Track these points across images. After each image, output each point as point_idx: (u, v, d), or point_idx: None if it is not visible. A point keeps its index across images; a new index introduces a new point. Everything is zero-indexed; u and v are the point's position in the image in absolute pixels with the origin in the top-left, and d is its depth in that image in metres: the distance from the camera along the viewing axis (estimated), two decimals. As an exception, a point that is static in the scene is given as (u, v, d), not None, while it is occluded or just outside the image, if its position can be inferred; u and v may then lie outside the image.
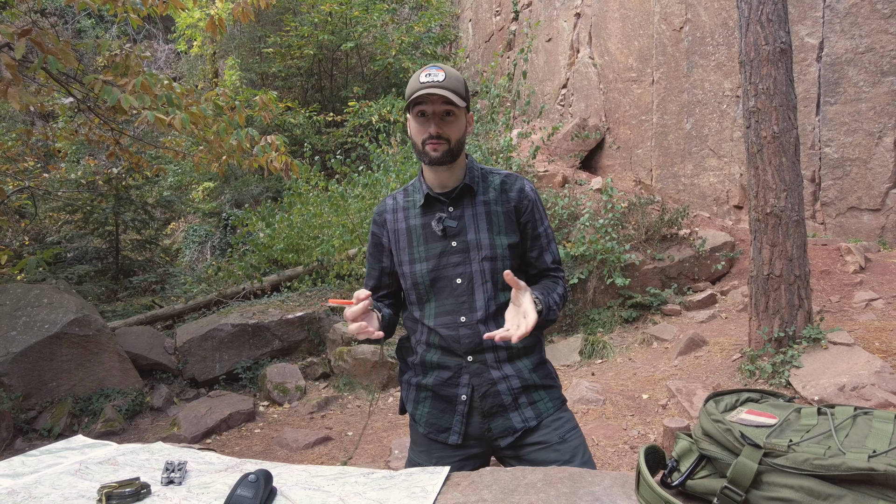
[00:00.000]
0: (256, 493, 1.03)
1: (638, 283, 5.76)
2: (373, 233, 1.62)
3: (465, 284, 1.50)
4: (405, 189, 1.63)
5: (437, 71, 1.44)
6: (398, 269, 1.56)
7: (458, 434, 1.50)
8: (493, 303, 1.49)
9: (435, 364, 1.52)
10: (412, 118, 1.48)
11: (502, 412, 1.49)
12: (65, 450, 1.41)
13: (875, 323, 4.24)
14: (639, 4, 7.54)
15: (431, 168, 1.51)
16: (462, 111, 1.47)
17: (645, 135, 7.60)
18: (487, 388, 1.49)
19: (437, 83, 1.41)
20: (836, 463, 0.78)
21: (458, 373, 1.50)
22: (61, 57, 3.56)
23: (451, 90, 1.42)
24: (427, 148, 1.45)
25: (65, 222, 8.25)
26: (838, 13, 5.51)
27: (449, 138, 1.45)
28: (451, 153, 1.47)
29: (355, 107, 9.24)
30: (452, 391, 1.51)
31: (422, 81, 1.42)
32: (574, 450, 1.46)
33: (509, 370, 1.50)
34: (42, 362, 4.69)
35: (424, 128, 1.45)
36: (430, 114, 1.44)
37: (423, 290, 1.52)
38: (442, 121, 1.45)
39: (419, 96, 1.41)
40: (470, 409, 1.50)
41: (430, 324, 1.51)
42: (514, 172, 1.64)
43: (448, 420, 1.52)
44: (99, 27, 12.00)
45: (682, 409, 3.73)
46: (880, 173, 5.41)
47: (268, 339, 5.70)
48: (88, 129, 5.29)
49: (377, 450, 3.94)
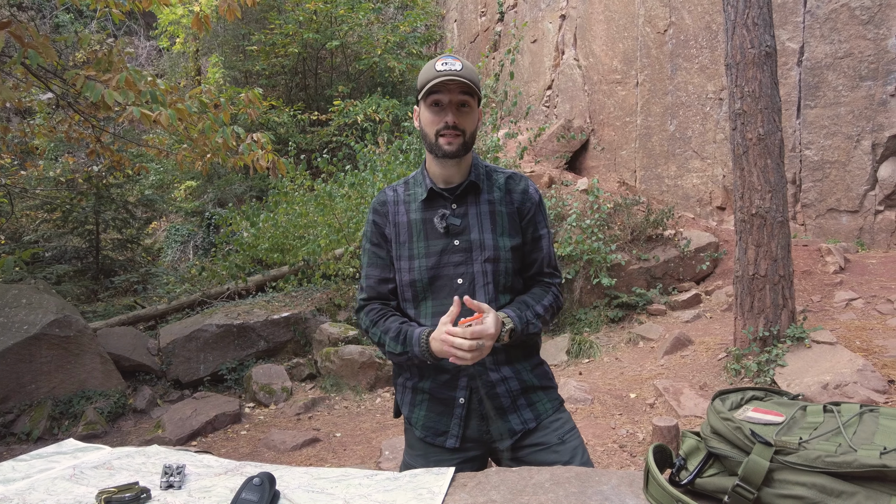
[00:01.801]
0: (262, 497, 1.01)
1: (624, 283, 5.82)
2: (375, 223, 1.54)
3: (466, 285, 1.46)
4: (406, 181, 1.58)
5: (453, 60, 1.40)
6: (395, 263, 1.51)
7: (456, 437, 1.47)
8: (493, 305, 1.46)
9: (432, 367, 1.47)
10: (425, 108, 1.43)
11: (501, 415, 1.46)
12: (56, 454, 1.37)
13: (855, 322, 4.33)
14: (623, 7, 7.61)
15: (440, 161, 1.46)
16: (476, 103, 1.44)
17: (629, 136, 7.67)
18: (486, 391, 1.46)
19: (454, 71, 1.38)
20: (848, 460, 0.79)
21: (456, 375, 1.46)
22: (41, 51, 3.47)
23: (468, 79, 1.39)
24: (441, 141, 1.41)
25: (43, 221, 8.07)
26: (818, 18, 5.62)
27: (465, 130, 1.42)
28: (466, 146, 1.43)
29: (340, 106, 9.19)
30: (450, 394, 1.47)
31: (438, 69, 1.39)
32: (573, 451, 1.45)
33: (508, 372, 1.47)
34: (20, 364, 4.58)
35: (440, 118, 1.41)
36: (447, 103, 1.40)
37: (421, 287, 1.47)
38: (458, 111, 1.41)
39: (436, 84, 1.37)
40: (468, 411, 1.47)
41: (427, 323, 1.46)
42: (518, 172, 1.61)
43: (446, 423, 1.48)
44: (77, 22, 11.76)
45: (669, 408, 3.77)
46: (858, 176, 5.53)
47: (253, 340, 5.64)
48: (68, 125, 5.18)
49: (367, 451, 3.91)
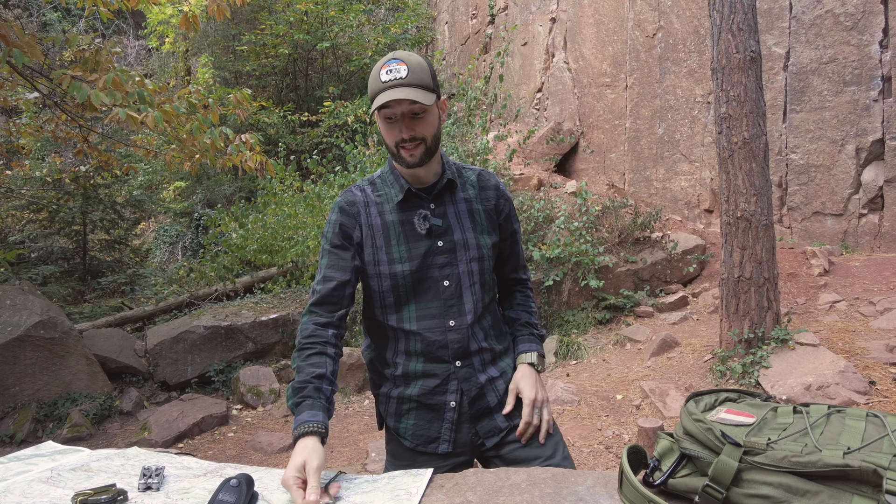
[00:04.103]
0: (238, 498, 1.02)
1: (611, 285, 5.85)
2: (341, 223, 1.42)
3: (452, 287, 1.43)
4: (371, 181, 1.49)
5: (398, 65, 1.29)
6: (371, 268, 1.42)
7: (448, 442, 1.44)
8: (480, 305, 1.46)
9: (420, 373, 1.44)
10: (380, 120, 1.36)
11: (487, 414, 1.46)
12: (34, 456, 1.37)
13: (839, 324, 4.38)
14: (613, 11, 7.66)
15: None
16: (433, 105, 1.34)
17: (618, 139, 7.72)
18: (476, 392, 1.45)
19: (400, 81, 1.28)
20: (812, 460, 0.80)
21: (446, 380, 1.43)
22: (27, 50, 3.45)
23: (416, 86, 1.29)
24: (402, 153, 1.35)
25: (29, 221, 8.00)
26: (804, 24, 5.69)
27: (424, 137, 1.35)
28: (429, 152, 1.37)
29: (331, 107, 9.18)
30: (440, 399, 1.44)
31: (383, 81, 1.29)
32: (555, 445, 1.46)
33: (494, 371, 1.48)
34: (4, 366, 4.54)
35: (395, 131, 1.34)
36: (399, 116, 1.32)
37: (404, 292, 1.41)
38: (412, 121, 1.33)
39: (382, 102, 1.28)
40: (459, 415, 1.45)
41: (411, 328, 1.41)
42: (484, 169, 1.58)
43: (436, 429, 1.45)
44: (65, 21, 11.67)
45: (655, 410, 3.79)
46: (843, 179, 5.59)
47: (241, 342, 5.61)
48: (55, 125, 5.14)
49: (353, 453, 3.91)
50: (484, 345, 1.46)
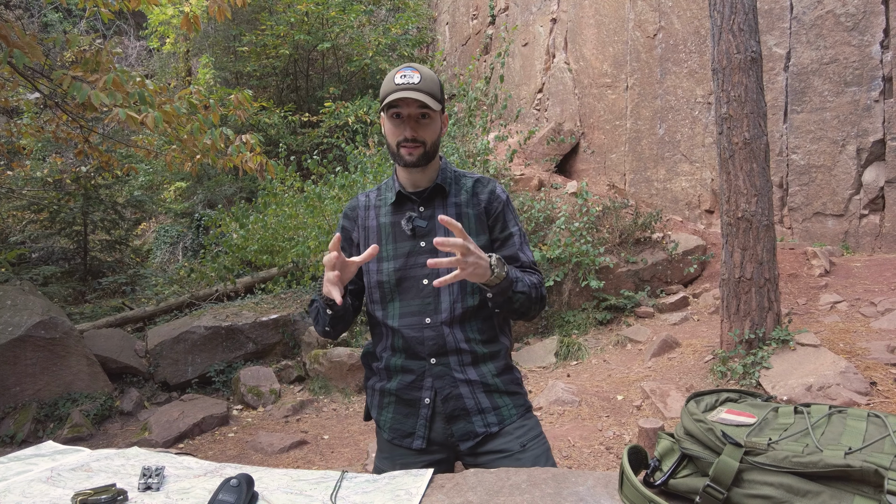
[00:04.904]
0: (238, 498, 1.01)
1: (612, 286, 5.85)
2: (343, 227, 1.59)
3: (431, 285, 1.47)
4: (378, 187, 1.62)
5: (412, 72, 1.41)
6: (364, 266, 1.52)
7: (422, 438, 1.48)
8: (458, 305, 1.46)
9: (399, 368, 1.50)
10: (386, 119, 1.46)
11: (464, 416, 1.46)
12: (34, 456, 1.36)
13: (839, 325, 4.38)
14: (613, 11, 7.66)
15: (405, 169, 1.50)
16: (437, 113, 1.45)
17: (619, 140, 7.71)
18: (450, 391, 1.46)
19: (412, 85, 1.39)
20: (814, 460, 0.80)
21: (421, 376, 1.47)
22: (28, 51, 3.45)
23: (426, 92, 1.40)
24: (402, 151, 1.44)
25: (30, 221, 8.00)
26: (804, 24, 5.69)
27: (425, 141, 1.44)
28: (427, 156, 1.46)
29: (331, 107, 9.18)
30: (416, 395, 1.48)
31: (397, 83, 1.40)
32: (535, 459, 1.42)
33: (472, 374, 1.47)
34: (4, 366, 4.54)
35: (399, 130, 1.43)
36: (406, 116, 1.42)
37: (388, 289, 1.49)
38: (417, 123, 1.43)
39: (394, 100, 1.39)
40: (433, 413, 1.48)
41: (394, 324, 1.48)
42: (486, 176, 1.63)
43: (412, 424, 1.49)
44: (66, 21, 11.68)
45: (656, 410, 3.79)
46: (843, 180, 5.59)
47: (241, 342, 5.61)
48: (55, 125, 5.14)
49: (353, 453, 3.91)
50: (463, 346, 1.46)
